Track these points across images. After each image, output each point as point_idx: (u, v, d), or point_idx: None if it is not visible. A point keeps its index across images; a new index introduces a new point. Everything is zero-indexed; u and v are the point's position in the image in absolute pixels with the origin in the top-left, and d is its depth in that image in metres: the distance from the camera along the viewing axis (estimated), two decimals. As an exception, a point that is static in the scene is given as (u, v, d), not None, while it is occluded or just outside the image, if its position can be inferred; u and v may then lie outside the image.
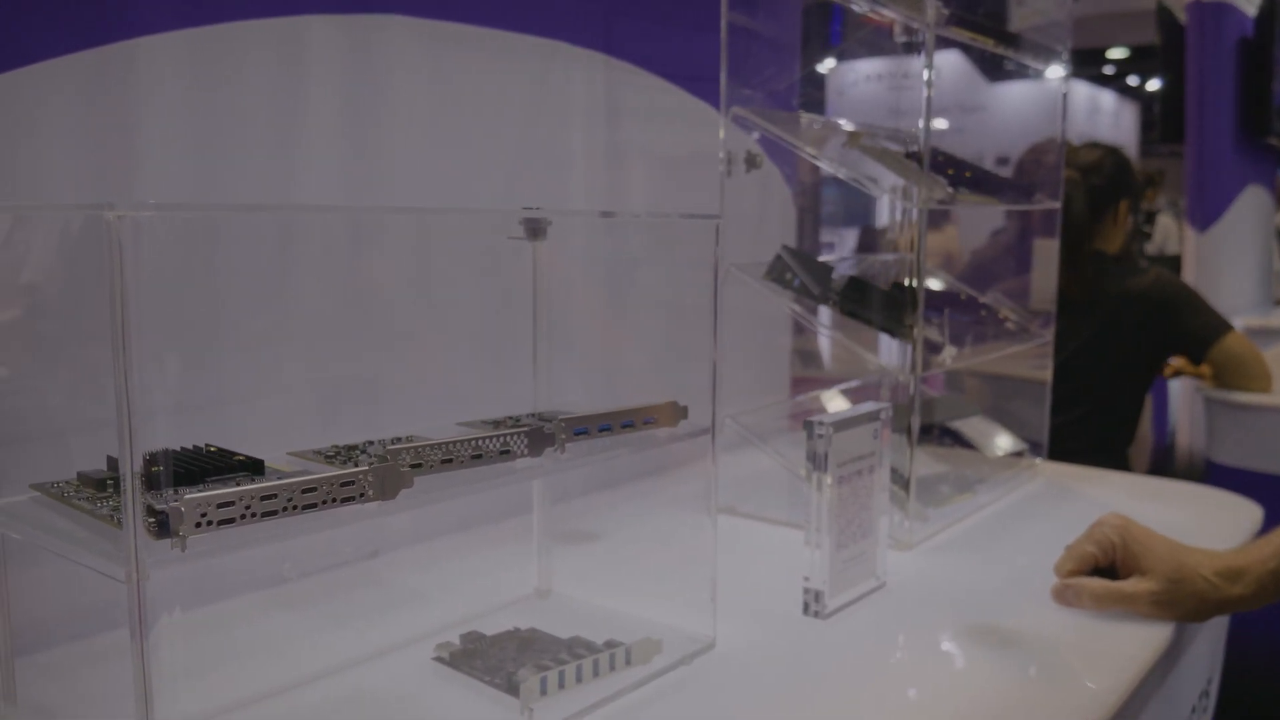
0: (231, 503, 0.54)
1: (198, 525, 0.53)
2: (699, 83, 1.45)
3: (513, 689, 0.74)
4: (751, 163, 1.23)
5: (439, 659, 0.81)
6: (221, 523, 0.54)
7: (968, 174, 1.30)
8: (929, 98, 1.07)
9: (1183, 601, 0.91)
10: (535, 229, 0.89)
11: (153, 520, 0.52)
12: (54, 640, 0.84)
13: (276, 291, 0.99)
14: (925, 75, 1.07)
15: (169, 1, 0.90)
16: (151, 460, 0.58)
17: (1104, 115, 7.12)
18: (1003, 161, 2.33)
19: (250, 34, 0.95)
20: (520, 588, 0.98)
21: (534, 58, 1.23)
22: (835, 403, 1.51)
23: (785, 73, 1.53)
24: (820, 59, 1.56)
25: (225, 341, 0.96)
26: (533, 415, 0.87)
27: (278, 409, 0.99)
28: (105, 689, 0.78)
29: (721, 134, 1.22)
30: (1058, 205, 1.51)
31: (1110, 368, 1.96)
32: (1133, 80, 7.61)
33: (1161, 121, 3.29)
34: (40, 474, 0.66)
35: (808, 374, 1.74)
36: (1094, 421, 1.97)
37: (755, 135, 1.26)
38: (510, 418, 0.85)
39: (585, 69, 1.30)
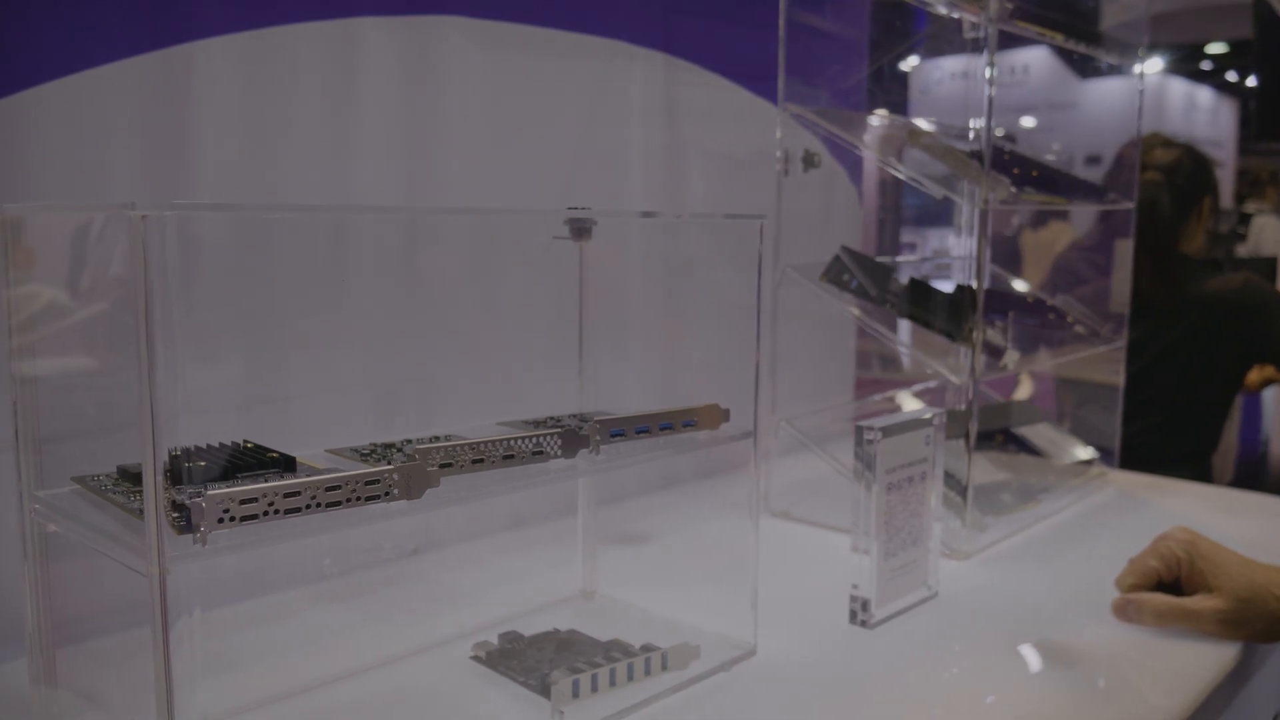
0: (255, 499, 0.55)
1: (220, 521, 0.53)
2: (761, 81, 1.43)
3: (545, 690, 0.74)
4: (809, 162, 1.21)
5: (476, 658, 0.82)
6: (245, 519, 0.54)
7: (1034, 173, 1.26)
8: (990, 95, 1.04)
9: (1252, 621, 0.87)
10: (580, 229, 0.89)
11: (177, 515, 0.53)
12: (111, 629, 0.86)
13: (332, 291, 1.00)
14: (986, 72, 1.04)
15: (226, 5, 0.91)
16: (181, 455, 0.59)
17: (1201, 112, 6.86)
18: (1093, 160, 2.25)
19: (307, 36, 0.97)
20: (565, 588, 0.98)
21: (592, 57, 1.23)
22: (909, 404, 1.48)
23: (852, 70, 1.50)
24: (888, 56, 1.53)
25: (281, 339, 0.97)
26: (574, 416, 0.86)
27: (333, 406, 1.01)
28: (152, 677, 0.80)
29: (778, 133, 1.20)
30: (1132, 205, 1.46)
31: (1195, 372, 1.89)
32: (1231, 76, 7.32)
33: (1258, 118, 3.16)
34: (99, 467, 0.67)
35: (877, 376, 1.72)
36: (1175, 429, 1.90)
37: (820, 134, 1.24)
38: (551, 418, 0.85)
39: (645, 68, 1.30)
